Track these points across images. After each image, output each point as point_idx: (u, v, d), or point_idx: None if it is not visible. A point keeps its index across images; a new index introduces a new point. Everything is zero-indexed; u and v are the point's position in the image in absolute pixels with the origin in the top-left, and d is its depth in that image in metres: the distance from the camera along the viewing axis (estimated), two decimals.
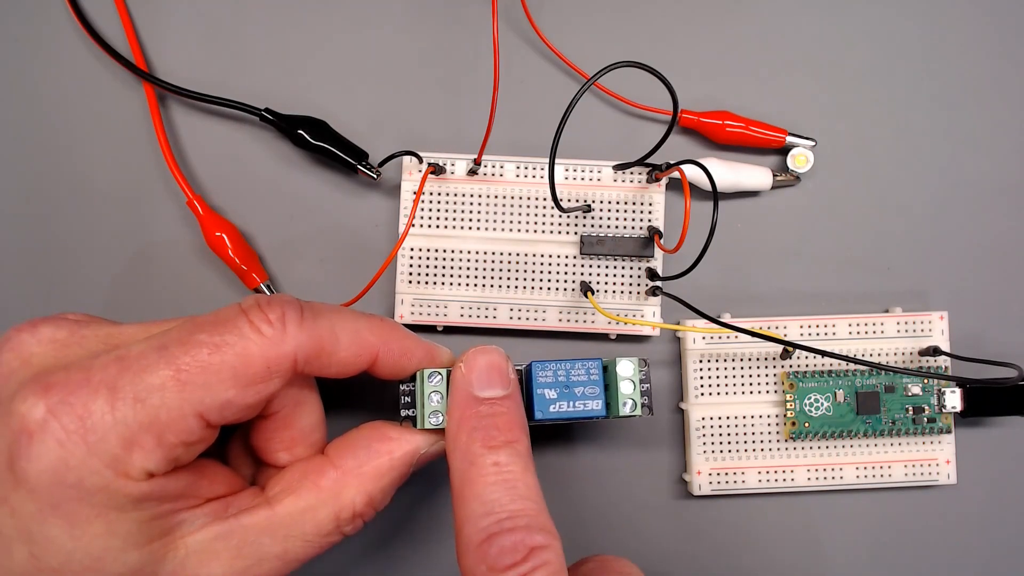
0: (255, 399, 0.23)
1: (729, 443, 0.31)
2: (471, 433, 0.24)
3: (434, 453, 0.26)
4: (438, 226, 0.31)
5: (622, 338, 0.32)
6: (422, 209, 0.31)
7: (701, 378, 0.31)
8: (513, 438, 0.24)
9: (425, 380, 0.26)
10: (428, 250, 0.31)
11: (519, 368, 0.27)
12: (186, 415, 0.22)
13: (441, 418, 0.25)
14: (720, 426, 0.31)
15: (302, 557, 0.24)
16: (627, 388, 0.26)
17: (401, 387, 0.27)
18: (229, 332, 0.22)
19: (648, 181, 0.31)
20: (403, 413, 0.26)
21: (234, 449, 0.27)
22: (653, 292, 0.31)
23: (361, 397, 0.32)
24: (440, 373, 0.26)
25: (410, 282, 0.31)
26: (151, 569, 0.22)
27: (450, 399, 0.25)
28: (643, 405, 0.26)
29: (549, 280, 0.31)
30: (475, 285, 0.31)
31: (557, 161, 0.28)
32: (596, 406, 0.26)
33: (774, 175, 0.32)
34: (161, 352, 0.22)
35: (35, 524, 0.21)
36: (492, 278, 0.31)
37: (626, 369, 0.26)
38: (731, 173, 0.32)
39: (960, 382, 0.31)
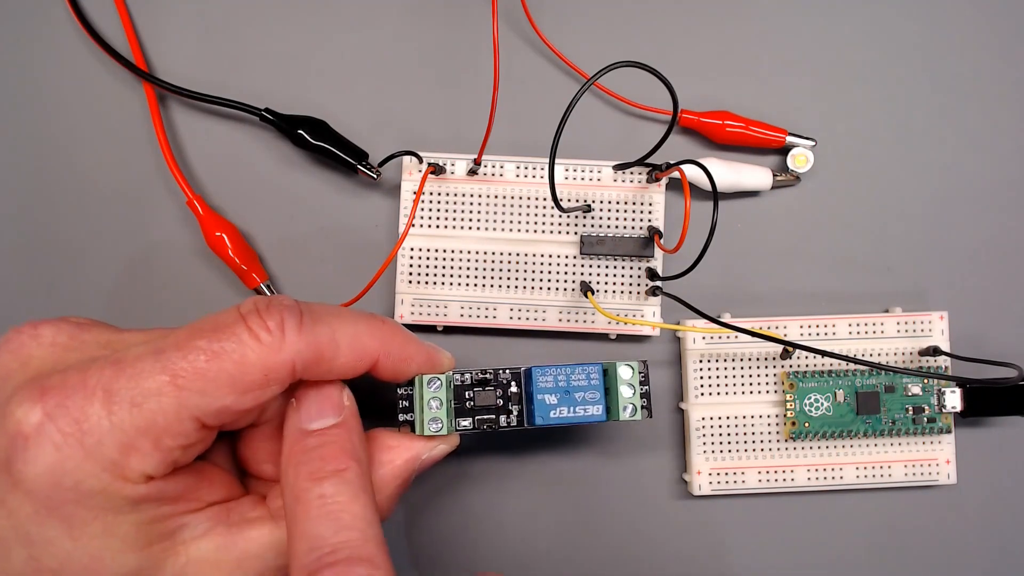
0: (252, 405, 0.23)
1: (729, 443, 0.31)
2: (297, 468, 0.23)
3: (436, 457, 0.26)
4: (438, 226, 0.31)
5: (622, 338, 0.32)
6: (422, 209, 0.31)
7: (701, 378, 0.31)
8: (341, 466, 0.23)
9: (424, 386, 0.26)
10: (428, 250, 0.31)
11: (516, 371, 0.27)
12: (183, 419, 0.22)
13: (440, 425, 0.25)
14: (720, 426, 0.31)
15: None
16: (627, 392, 0.26)
17: (399, 391, 0.26)
18: (227, 339, 0.22)
19: (648, 181, 0.31)
20: (401, 418, 0.26)
21: (217, 459, 0.26)
22: (653, 292, 0.31)
23: (358, 400, 0.31)
24: (439, 379, 0.26)
25: (410, 282, 0.31)
26: (150, 573, 0.22)
27: (284, 435, 0.24)
28: (643, 408, 0.26)
29: (549, 280, 0.31)
30: (475, 285, 0.31)
31: (557, 161, 0.28)
32: (597, 411, 0.26)
33: (774, 175, 0.32)
34: (158, 357, 0.22)
35: (33, 526, 0.21)
36: (492, 278, 0.31)
37: (626, 373, 0.26)
38: (731, 173, 0.32)
39: (960, 382, 0.31)
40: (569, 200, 0.31)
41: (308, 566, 0.21)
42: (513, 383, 0.27)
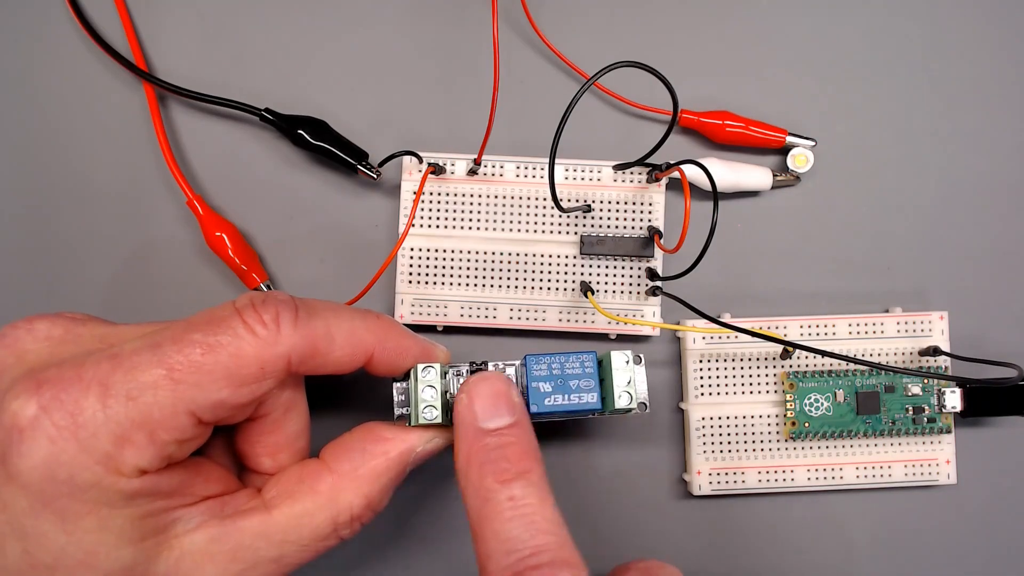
0: (248, 399, 0.23)
1: (729, 443, 0.31)
2: (481, 468, 0.23)
3: (431, 450, 0.26)
4: (438, 226, 0.31)
5: (622, 338, 0.32)
6: (422, 209, 0.31)
7: (701, 378, 0.31)
8: (525, 468, 0.23)
9: (419, 375, 0.26)
10: (428, 250, 0.31)
11: (510, 364, 0.27)
12: (178, 413, 0.22)
13: (436, 412, 0.25)
14: (720, 426, 0.31)
15: (298, 562, 0.24)
16: (622, 380, 0.26)
17: (395, 385, 0.26)
18: (223, 332, 0.22)
19: (648, 181, 0.31)
20: (397, 412, 0.26)
21: (215, 454, 0.26)
22: (653, 292, 0.31)
23: (353, 397, 0.32)
24: (434, 367, 0.26)
25: (410, 282, 0.31)
26: (144, 567, 0.22)
27: (456, 434, 0.24)
28: (639, 398, 0.26)
29: (549, 280, 0.31)
30: (475, 285, 0.31)
31: (557, 161, 0.28)
32: (592, 399, 0.26)
33: (774, 175, 0.32)
34: (154, 350, 0.22)
35: (28, 520, 0.21)
36: (492, 278, 0.31)
37: (620, 361, 0.26)
38: (731, 173, 0.32)
39: (960, 382, 0.31)
40: (569, 200, 0.31)
41: (510, 567, 0.21)
42: (510, 377, 0.27)
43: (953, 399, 0.31)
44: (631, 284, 0.31)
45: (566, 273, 0.31)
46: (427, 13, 0.33)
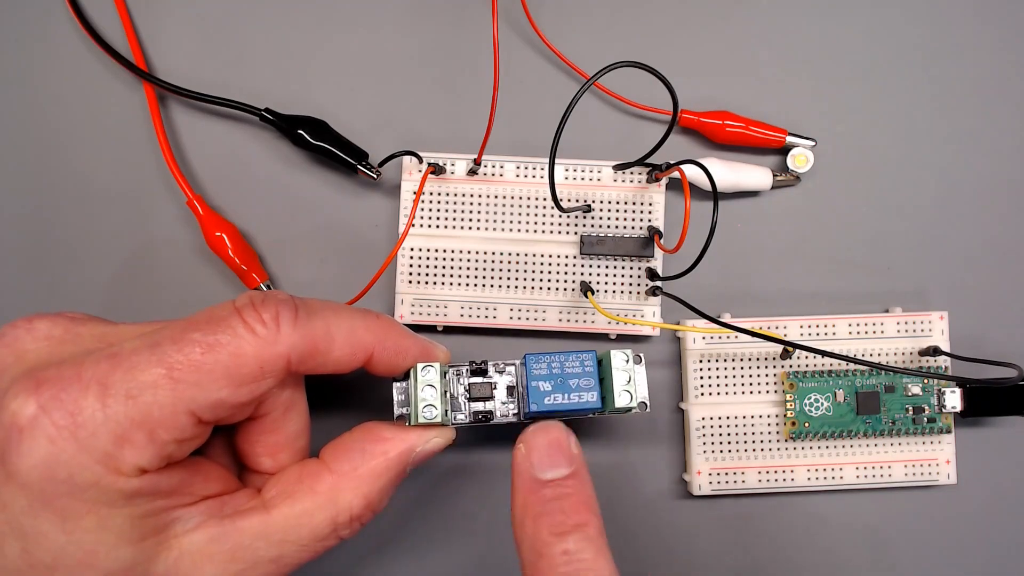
0: (248, 398, 0.23)
1: (729, 443, 0.31)
2: (536, 520, 0.23)
3: (430, 451, 0.26)
4: (438, 226, 0.31)
5: (622, 338, 0.32)
6: (422, 209, 0.31)
7: (701, 378, 0.31)
8: (582, 521, 0.23)
9: (418, 374, 0.26)
10: (428, 250, 0.31)
11: (511, 364, 0.27)
12: (178, 413, 0.22)
13: (435, 412, 0.25)
14: (720, 426, 0.31)
15: (297, 562, 0.24)
16: (622, 379, 0.26)
17: (395, 385, 0.26)
18: (223, 331, 0.22)
19: (648, 181, 0.31)
20: (397, 411, 0.26)
21: (215, 453, 0.26)
22: (653, 292, 0.31)
23: (353, 396, 0.32)
24: (433, 367, 0.26)
25: (410, 282, 0.31)
26: (144, 567, 0.22)
27: (513, 483, 0.24)
28: (639, 396, 0.26)
29: (549, 280, 0.31)
30: (475, 285, 0.31)
31: (557, 161, 0.28)
32: (592, 398, 0.25)
33: (774, 175, 0.32)
34: (154, 350, 0.22)
35: (27, 519, 0.21)
36: (492, 278, 0.31)
37: (620, 361, 0.26)
38: (731, 173, 0.32)
39: (960, 382, 0.31)
40: (569, 200, 0.31)
41: None
42: (508, 376, 0.27)
43: (953, 399, 0.31)
44: (631, 284, 0.31)
45: (566, 273, 0.31)
46: (427, 13, 0.33)
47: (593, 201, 0.31)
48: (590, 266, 0.31)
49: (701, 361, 0.31)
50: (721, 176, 0.31)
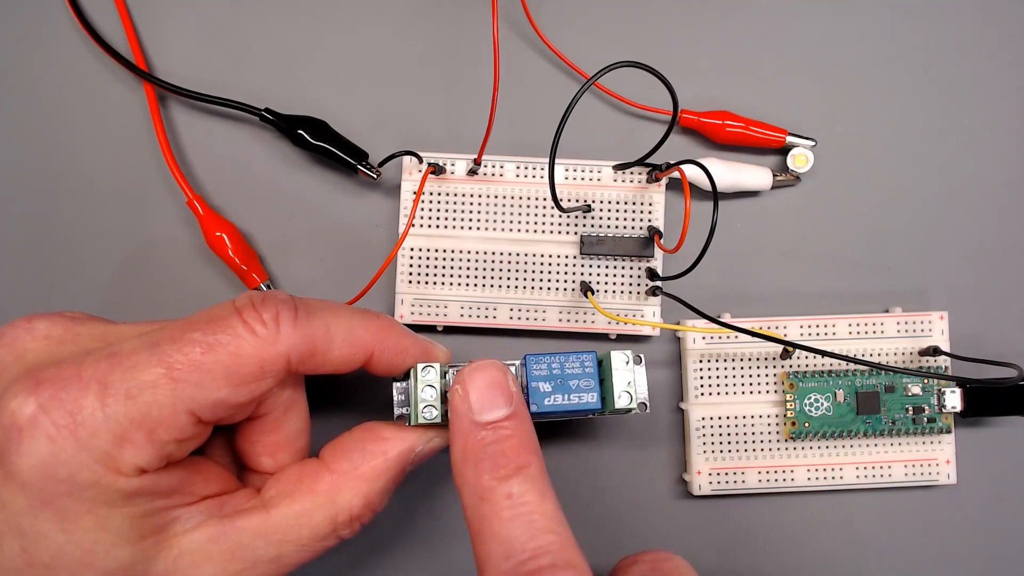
0: (247, 398, 0.23)
1: (729, 443, 0.31)
2: (477, 464, 0.22)
3: (430, 450, 0.26)
4: (438, 226, 0.31)
5: (622, 338, 0.32)
6: (422, 209, 0.31)
7: (701, 378, 0.31)
8: (524, 462, 0.22)
9: (419, 374, 0.26)
10: (428, 250, 0.31)
11: (511, 364, 0.26)
12: (178, 412, 0.22)
13: (435, 412, 0.25)
14: (720, 426, 0.31)
15: (297, 561, 0.24)
16: (622, 380, 0.25)
17: (395, 385, 0.26)
18: (222, 331, 0.22)
19: (648, 181, 0.31)
20: (397, 412, 0.26)
21: (215, 453, 0.26)
22: (653, 292, 0.31)
23: (353, 396, 0.32)
24: (433, 367, 0.26)
25: (410, 282, 0.31)
26: (143, 567, 0.22)
27: (451, 427, 0.24)
28: (639, 397, 0.26)
29: (549, 280, 0.31)
30: (475, 285, 0.31)
31: (557, 161, 0.28)
32: (592, 399, 0.25)
33: (774, 175, 0.32)
34: (153, 349, 0.22)
35: (26, 519, 0.21)
36: (492, 278, 0.31)
37: (620, 361, 0.26)
38: (731, 173, 0.32)
39: (960, 382, 0.31)
40: (569, 200, 0.31)
41: (510, 572, 0.20)
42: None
43: (953, 399, 0.31)
44: (631, 284, 0.31)
45: (566, 273, 0.31)
46: (427, 13, 0.33)
47: (593, 201, 0.31)
48: (590, 266, 0.31)
49: (701, 361, 0.31)
50: (721, 176, 0.31)
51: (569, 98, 0.25)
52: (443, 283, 0.31)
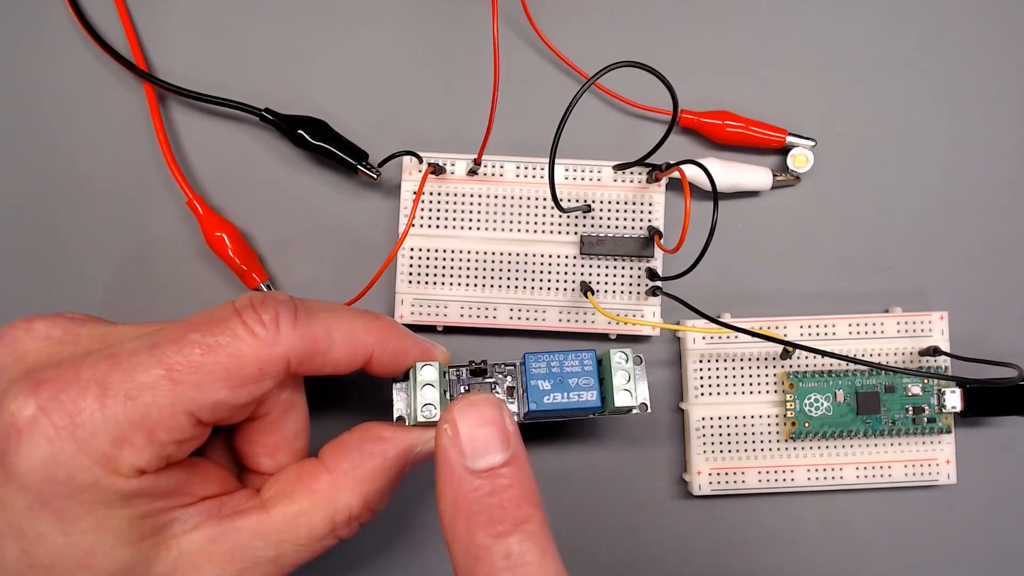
0: (247, 399, 0.23)
1: (729, 443, 0.31)
2: (471, 519, 0.20)
3: (430, 451, 0.26)
4: (438, 226, 0.31)
5: (622, 338, 0.32)
6: (422, 209, 0.31)
7: (701, 378, 0.31)
8: (524, 516, 0.20)
9: (417, 373, 0.26)
10: (428, 250, 0.31)
11: (511, 364, 0.26)
12: (177, 414, 0.22)
13: (434, 410, 0.25)
14: (720, 426, 0.31)
15: (296, 562, 0.24)
16: (622, 379, 0.25)
17: (395, 386, 0.26)
18: (222, 332, 0.22)
19: (648, 181, 0.31)
20: (396, 413, 0.26)
21: (214, 454, 0.26)
22: (653, 292, 0.31)
23: (353, 397, 0.32)
24: (432, 365, 0.26)
25: (410, 282, 0.31)
26: (142, 568, 0.22)
27: (439, 472, 0.21)
28: (639, 396, 0.25)
29: (549, 280, 0.31)
30: (475, 285, 0.31)
31: (557, 161, 0.28)
32: (591, 397, 0.25)
33: (774, 175, 0.32)
34: (153, 351, 0.22)
35: (26, 520, 0.21)
36: (492, 278, 0.31)
37: (620, 360, 0.26)
38: (731, 173, 0.32)
39: (960, 382, 0.31)
40: (569, 200, 0.31)
41: None
42: (508, 377, 0.27)
43: (953, 399, 0.31)
44: (631, 284, 0.31)
45: (566, 273, 0.31)
46: (427, 13, 0.33)
47: (593, 201, 0.31)
48: (590, 266, 0.31)
49: (701, 361, 0.31)
50: (721, 176, 0.31)
51: (569, 98, 0.25)
52: (443, 283, 0.31)
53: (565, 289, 0.31)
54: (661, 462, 0.32)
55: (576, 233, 0.31)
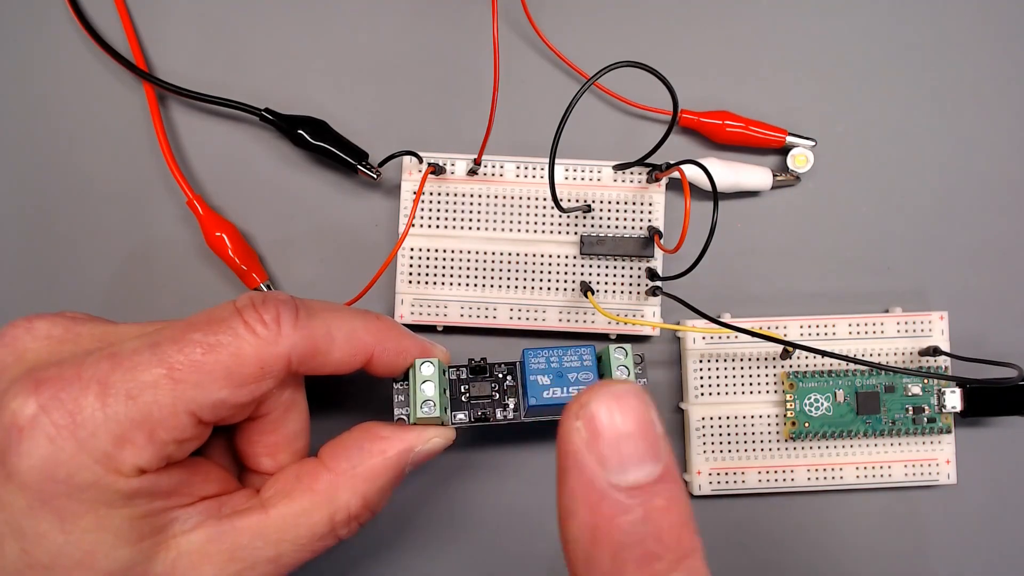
0: (248, 399, 0.23)
1: (729, 443, 0.31)
2: (619, 553, 0.16)
3: (430, 451, 0.26)
4: (438, 226, 0.31)
5: (622, 338, 0.32)
6: (422, 209, 0.31)
7: (701, 378, 0.31)
8: (686, 550, 0.16)
9: (417, 370, 0.26)
10: (428, 250, 0.31)
11: (511, 364, 0.26)
12: (178, 413, 0.22)
13: (433, 408, 0.25)
14: (720, 426, 0.31)
15: (296, 561, 0.24)
16: (621, 376, 0.25)
17: (395, 386, 0.26)
18: (223, 332, 0.22)
19: (648, 181, 0.31)
20: (396, 412, 0.26)
21: (214, 454, 0.26)
22: (653, 292, 0.31)
23: (353, 397, 0.32)
24: (432, 362, 0.26)
25: (410, 282, 0.31)
26: (142, 567, 0.22)
27: (566, 487, 0.16)
28: None
29: (549, 280, 0.31)
30: (475, 285, 0.31)
31: (557, 161, 0.28)
32: None
33: (774, 175, 0.32)
34: (154, 350, 0.22)
35: (26, 519, 0.21)
36: (492, 278, 0.31)
37: (619, 356, 0.26)
38: (731, 173, 0.32)
39: (960, 382, 0.31)
40: (569, 200, 0.31)
41: None
42: (509, 376, 0.27)
43: (953, 399, 0.31)
44: (631, 284, 0.31)
45: (566, 273, 0.31)
46: (427, 13, 0.33)
47: (593, 201, 0.31)
48: (590, 266, 0.31)
49: (701, 361, 0.31)
50: (721, 176, 0.31)
51: (569, 98, 0.25)
52: (443, 283, 0.31)
53: (565, 289, 0.31)
54: None
55: (576, 233, 0.31)
